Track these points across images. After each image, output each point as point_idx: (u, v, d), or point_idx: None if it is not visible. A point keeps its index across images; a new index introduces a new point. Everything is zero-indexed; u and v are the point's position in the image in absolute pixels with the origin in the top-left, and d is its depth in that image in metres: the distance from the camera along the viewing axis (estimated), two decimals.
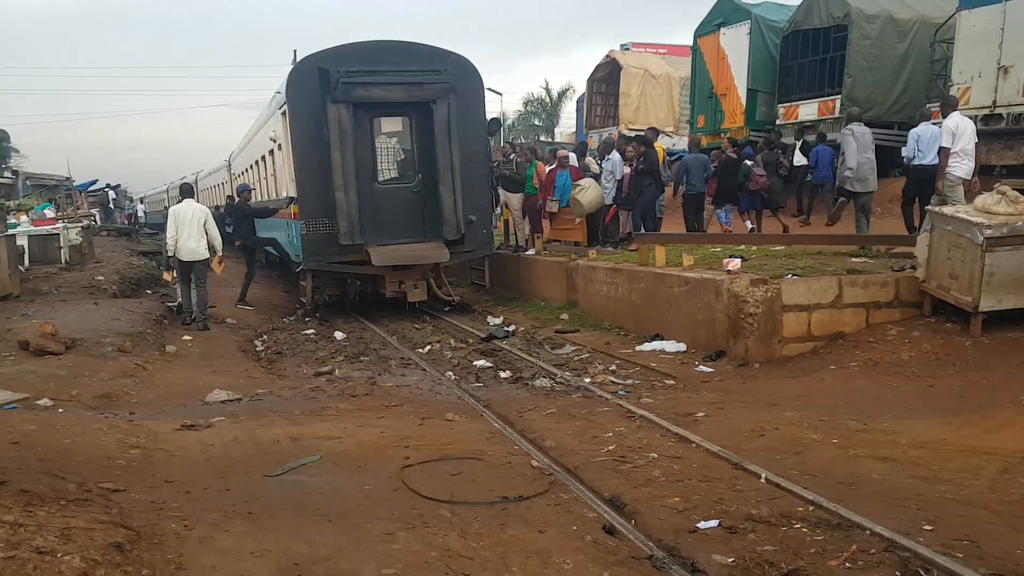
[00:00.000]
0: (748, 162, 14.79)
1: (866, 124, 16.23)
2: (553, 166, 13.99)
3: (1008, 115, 12.72)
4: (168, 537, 3.89)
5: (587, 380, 8.14)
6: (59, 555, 3.28)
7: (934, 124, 10.86)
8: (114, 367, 8.48)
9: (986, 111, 13.59)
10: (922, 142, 10.79)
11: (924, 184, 10.72)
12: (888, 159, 15.10)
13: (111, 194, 36.95)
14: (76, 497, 4.16)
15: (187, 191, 12.51)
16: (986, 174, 14.09)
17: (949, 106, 10.53)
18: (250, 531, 4.09)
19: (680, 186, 13.97)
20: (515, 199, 14.54)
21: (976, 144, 10.33)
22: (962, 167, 10.13)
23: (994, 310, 7.60)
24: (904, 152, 11.31)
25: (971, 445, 5.45)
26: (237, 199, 14.07)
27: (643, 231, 12.41)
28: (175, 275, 12.31)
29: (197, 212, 11.65)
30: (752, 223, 14.90)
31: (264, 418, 6.59)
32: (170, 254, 11.82)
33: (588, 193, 13.11)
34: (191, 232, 11.44)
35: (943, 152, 10.06)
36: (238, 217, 14.85)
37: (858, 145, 11.63)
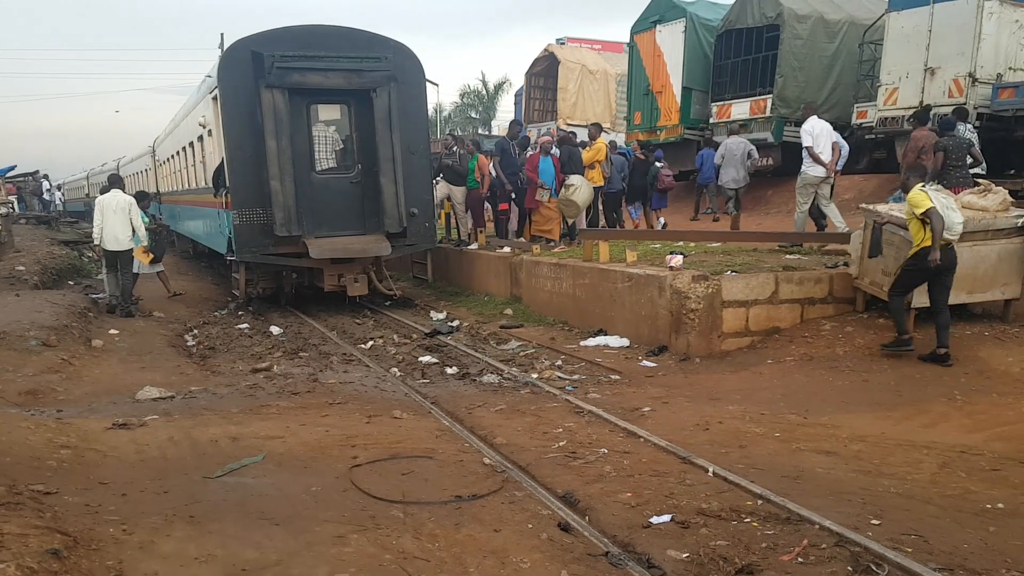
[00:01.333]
0: (658, 163, 15.50)
1: (795, 124, 17.04)
2: (535, 151, 13.38)
3: (935, 116, 13.12)
4: (106, 542, 3.73)
5: (534, 376, 8.11)
6: None
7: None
8: (39, 362, 8.10)
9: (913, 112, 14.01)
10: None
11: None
12: None
13: (44, 183, 35.41)
14: (7, 500, 3.94)
15: (115, 181, 12.44)
16: None
17: (809, 110, 11.55)
18: (193, 535, 3.94)
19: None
20: (458, 192, 14.37)
21: (834, 144, 11.09)
22: (816, 169, 10.93)
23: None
24: None
25: (910, 439, 5.61)
26: None
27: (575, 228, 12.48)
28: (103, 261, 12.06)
29: (122, 202, 11.66)
30: (663, 219, 15.70)
31: (200, 417, 6.36)
32: (95, 242, 11.83)
33: (582, 192, 12.35)
34: (116, 222, 11.50)
35: (808, 151, 10.91)
36: None
37: (726, 151, 14.93)
